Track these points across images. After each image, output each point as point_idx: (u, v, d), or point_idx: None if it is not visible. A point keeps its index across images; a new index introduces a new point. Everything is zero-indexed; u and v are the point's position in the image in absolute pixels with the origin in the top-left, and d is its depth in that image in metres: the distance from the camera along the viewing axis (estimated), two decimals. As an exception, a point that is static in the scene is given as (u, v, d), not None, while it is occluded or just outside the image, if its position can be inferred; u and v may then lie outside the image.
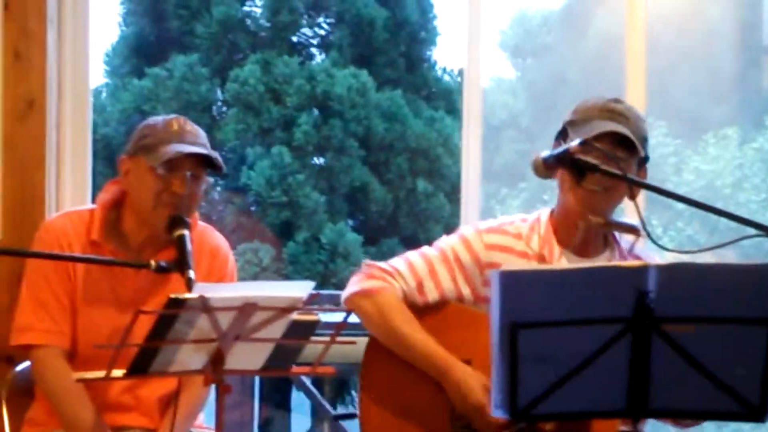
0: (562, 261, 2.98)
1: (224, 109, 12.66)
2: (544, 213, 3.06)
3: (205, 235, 3.24)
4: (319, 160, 12.63)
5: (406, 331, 2.98)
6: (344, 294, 3.06)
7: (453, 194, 12.66)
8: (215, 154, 3.11)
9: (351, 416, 3.32)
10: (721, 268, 2.30)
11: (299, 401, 10.29)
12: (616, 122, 2.92)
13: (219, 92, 12.68)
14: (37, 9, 3.68)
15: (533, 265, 2.92)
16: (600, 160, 2.78)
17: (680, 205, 10.07)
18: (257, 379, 5.90)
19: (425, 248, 3.10)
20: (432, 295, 3.02)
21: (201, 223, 3.24)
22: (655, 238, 2.97)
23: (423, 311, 3.03)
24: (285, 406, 9.72)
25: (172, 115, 3.18)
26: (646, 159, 2.98)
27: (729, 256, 2.56)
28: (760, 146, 9.64)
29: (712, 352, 2.31)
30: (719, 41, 9.48)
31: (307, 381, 4.52)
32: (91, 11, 3.90)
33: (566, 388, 2.33)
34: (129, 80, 12.62)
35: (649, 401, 2.33)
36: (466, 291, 3.02)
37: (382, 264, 3.05)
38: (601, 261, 3.01)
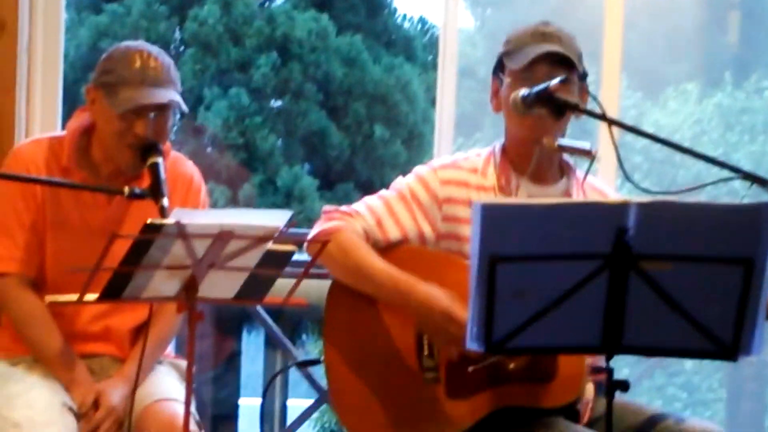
0: (520, 190, 2.99)
1: (182, 48, 12.56)
2: (497, 146, 3.07)
3: (178, 165, 3.20)
4: (276, 103, 12.57)
5: (367, 262, 2.95)
6: (307, 239, 3.01)
7: (409, 141, 12.68)
8: (177, 99, 3.02)
9: (315, 362, 3.30)
10: (701, 207, 2.31)
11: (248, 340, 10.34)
12: (550, 44, 2.94)
13: (177, 31, 12.58)
14: (11, -71, 3.63)
15: (512, 199, 2.94)
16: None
17: (638, 158, 10.16)
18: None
19: (383, 191, 3.09)
20: (393, 232, 3.02)
21: (174, 153, 3.20)
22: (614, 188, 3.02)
23: (385, 254, 3.01)
24: (237, 341, 9.77)
25: (138, 45, 3.07)
26: (584, 75, 2.99)
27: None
28: (719, 102, 9.71)
29: (688, 291, 2.33)
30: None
31: (267, 317, 4.51)
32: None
33: (542, 322, 2.34)
34: (86, 15, 12.48)
35: (623, 338, 2.36)
36: (426, 229, 3.02)
37: (341, 207, 3.04)
38: (558, 189, 3.02)
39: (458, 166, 3.06)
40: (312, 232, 3.02)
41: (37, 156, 3.11)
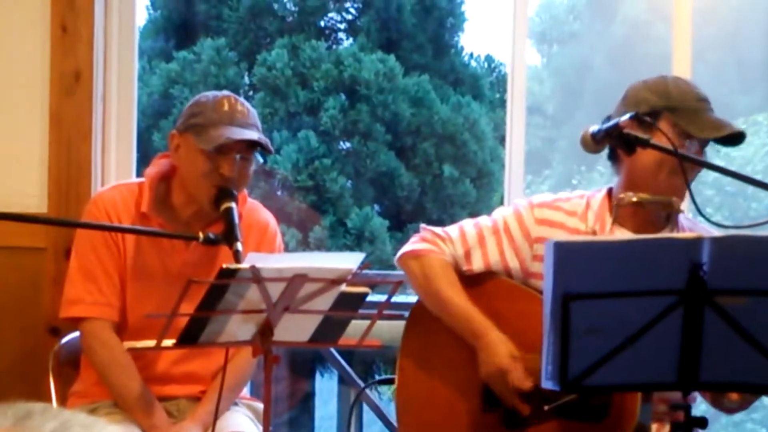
0: (615, 236, 2.96)
1: (251, 93, 12.66)
2: (603, 190, 3.06)
3: (254, 212, 3.26)
4: (345, 145, 12.62)
5: (447, 294, 3.01)
6: (398, 253, 3.12)
7: (478, 179, 12.65)
8: (265, 140, 3.09)
9: (389, 381, 3.35)
10: (775, 241, 2.30)
11: (321, 382, 10.35)
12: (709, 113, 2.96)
13: (246, 76, 12.70)
14: (84, -19, 3.70)
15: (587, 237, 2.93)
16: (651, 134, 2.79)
17: (709, 191, 10.06)
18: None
19: (482, 218, 3.12)
20: (477, 264, 3.04)
21: (250, 200, 3.26)
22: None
23: (470, 281, 3.05)
24: (310, 383, 9.78)
25: (224, 92, 3.17)
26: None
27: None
28: (790, 133, 9.60)
29: (764, 325, 2.31)
30: (748, 27, 9.44)
31: (340, 359, 4.53)
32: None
33: (617, 360, 2.34)
34: (157, 63, 12.64)
35: (700, 374, 2.34)
36: (514, 264, 3.03)
37: (436, 229, 3.08)
38: None
39: (557, 206, 3.05)
40: (404, 249, 3.11)
41: (116, 202, 3.17)
